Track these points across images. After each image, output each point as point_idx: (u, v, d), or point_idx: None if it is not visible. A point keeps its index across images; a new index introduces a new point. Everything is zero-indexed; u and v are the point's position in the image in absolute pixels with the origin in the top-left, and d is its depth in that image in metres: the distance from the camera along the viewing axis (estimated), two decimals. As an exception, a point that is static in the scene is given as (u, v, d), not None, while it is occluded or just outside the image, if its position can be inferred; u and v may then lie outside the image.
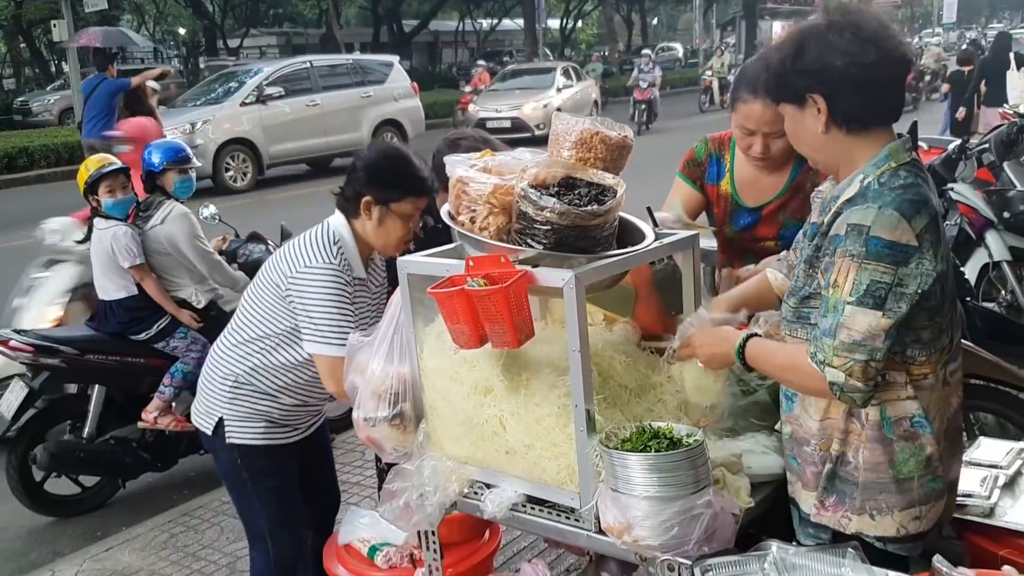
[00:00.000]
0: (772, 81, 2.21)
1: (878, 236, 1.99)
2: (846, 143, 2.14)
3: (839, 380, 2.04)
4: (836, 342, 2.03)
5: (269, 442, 3.11)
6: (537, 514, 2.39)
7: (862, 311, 2.00)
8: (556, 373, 2.37)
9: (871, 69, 2.04)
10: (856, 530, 2.22)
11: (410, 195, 2.97)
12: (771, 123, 2.89)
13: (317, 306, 2.88)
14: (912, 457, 2.17)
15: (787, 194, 3.09)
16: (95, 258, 4.89)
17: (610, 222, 2.34)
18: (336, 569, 3.17)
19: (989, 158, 6.76)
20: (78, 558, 4.55)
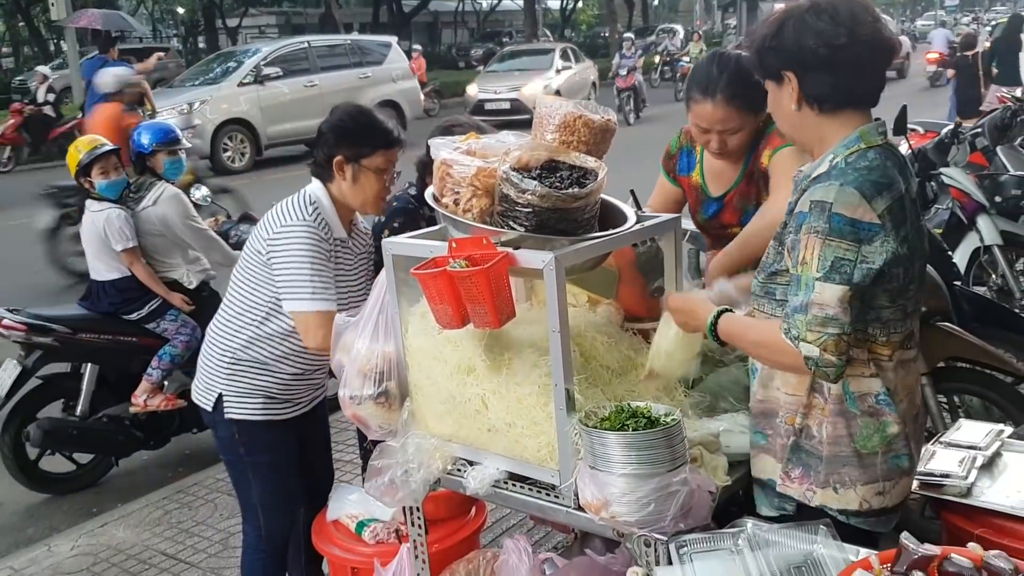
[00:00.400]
0: (754, 57, 2.25)
1: (840, 213, 2.03)
2: (818, 122, 2.18)
3: (814, 355, 2.07)
4: (808, 317, 2.07)
5: (267, 418, 3.15)
6: (518, 491, 2.43)
7: (830, 286, 2.04)
8: (538, 353, 2.41)
9: (840, 51, 2.09)
10: (820, 503, 2.26)
11: (379, 148, 3.04)
12: (723, 121, 2.92)
13: (292, 262, 2.94)
14: (876, 433, 2.21)
15: (742, 183, 3.14)
16: (87, 240, 4.92)
17: (591, 205, 2.36)
18: (325, 544, 3.21)
19: (983, 142, 6.76)
20: (74, 533, 4.61)
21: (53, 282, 8.54)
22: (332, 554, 3.18)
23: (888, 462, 2.23)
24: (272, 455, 3.21)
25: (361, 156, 3.02)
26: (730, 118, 2.91)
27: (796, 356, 2.11)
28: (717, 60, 2.96)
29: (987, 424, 3.18)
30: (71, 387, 5.09)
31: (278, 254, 2.96)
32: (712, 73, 2.91)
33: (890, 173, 2.11)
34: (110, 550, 4.41)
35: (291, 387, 3.17)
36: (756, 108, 2.95)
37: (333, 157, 3.03)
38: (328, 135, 3.06)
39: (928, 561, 1.81)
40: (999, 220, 6.04)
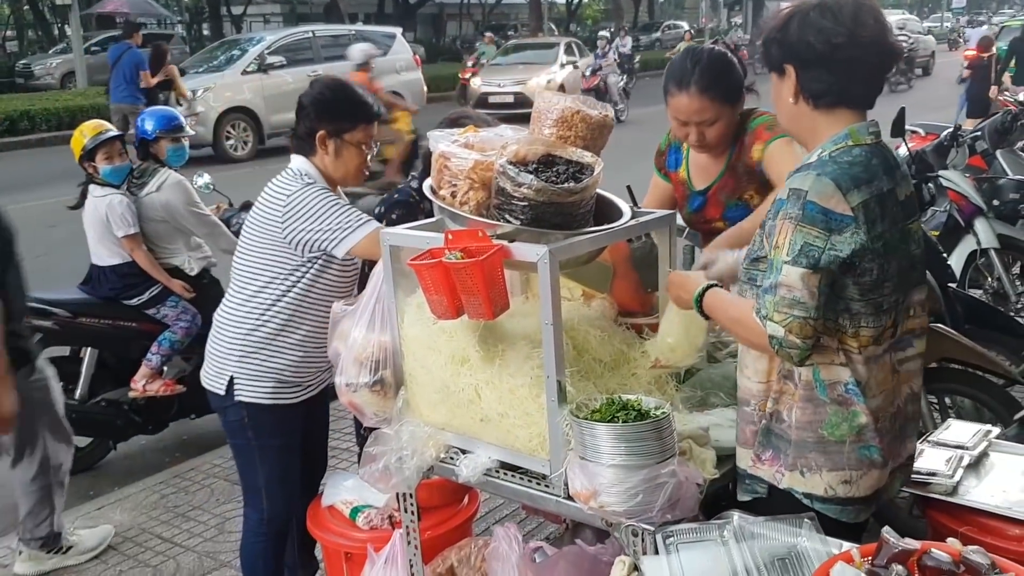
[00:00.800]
0: (762, 48, 2.33)
1: (813, 201, 2.09)
2: (813, 117, 2.25)
3: (778, 334, 2.12)
4: (776, 298, 2.12)
5: (276, 401, 3.18)
6: (510, 479, 2.47)
7: (796, 268, 2.09)
8: (531, 345, 2.45)
9: (838, 50, 2.15)
10: (788, 485, 2.31)
11: (360, 122, 3.11)
12: (699, 112, 2.98)
13: (320, 212, 2.99)
14: (844, 422, 2.24)
15: (724, 176, 3.18)
16: (89, 225, 4.95)
17: (587, 199, 2.40)
18: (319, 529, 3.25)
19: (982, 146, 6.79)
20: (71, 516, 4.63)
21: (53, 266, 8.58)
22: (326, 539, 3.22)
23: (856, 452, 2.27)
24: (280, 439, 3.25)
25: (342, 131, 3.09)
26: (705, 109, 2.97)
27: (762, 335, 2.16)
28: (690, 54, 3.03)
29: (975, 425, 3.23)
30: (70, 371, 5.10)
31: (299, 219, 3.00)
32: (686, 66, 2.98)
33: (872, 170, 2.16)
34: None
35: (301, 369, 3.20)
36: (730, 99, 3.02)
37: (315, 132, 3.09)
38: (309, 109, 3.12)
39: (908, 555, 1.85)
40: (996, 224, 6.07)
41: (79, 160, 4.92)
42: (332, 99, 3.12)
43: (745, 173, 3.12)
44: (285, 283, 3.09)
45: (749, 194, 3.14)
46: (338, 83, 3.21)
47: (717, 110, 2.98)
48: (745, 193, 3.15)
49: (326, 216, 2.98)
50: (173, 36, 32.68)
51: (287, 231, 3.02)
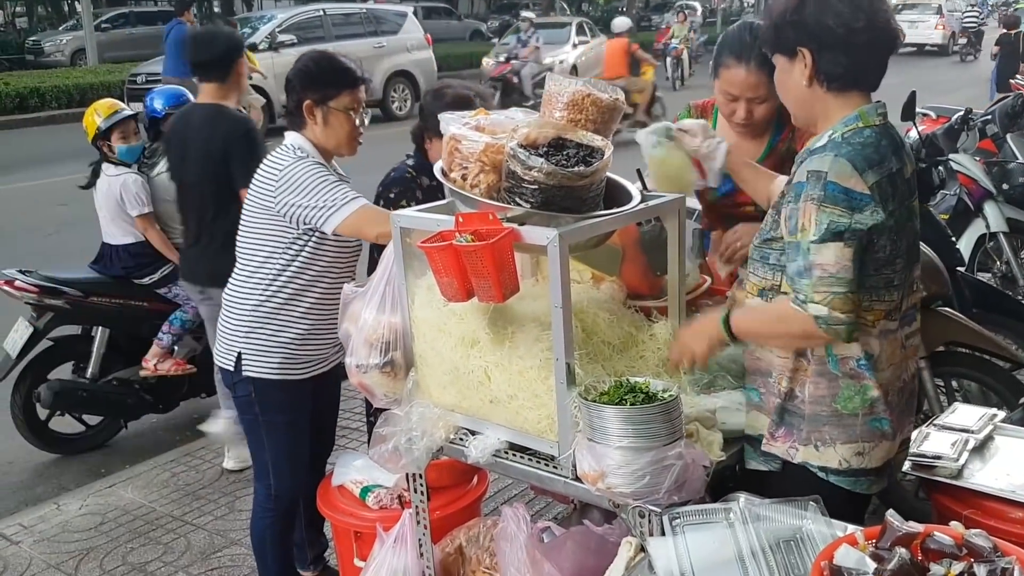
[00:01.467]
0: (771, 31, 2.34)
1: (835, 182, 2.14)
2: (825, 100, 2.28)
3: (823, 313, 2.15)
4: (813, 280, 2.16)
5: (283, 377, 3.21)
6: (518, 460, 2.49)
7: (825, 246, 2.14)
8: (540, 328, 2.46)
9: (858, 33, 2.20)
10: (802, 460, 2.37)
11: (345, 88, 3.15)
12: (755, 88, 2.96)
13: (308, 189, 3.02)
14: (857, 395, 2.31)
15: (766, 159, 3.14)
16: (102, 204, 4.97)
17: (597, 183, 2.41)
18: (329, 509, 3.28)
19: (993, 129, 6.76)
20: (82, 493, 4.70)
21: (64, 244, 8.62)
22: (336, 518, 3.25)
23: (868, 424, 2.32)
24: (286, 415, 3.28)
25: (328, 98, 3.12)
26: (761, 84, 2.94)
27: (806, 320, 2.18)
28: (749, 28, 2.99)
29: (981, 408, 3.24)
30: (82, 349, 5.16)
31: (290, 192, 3.04)
32: (746, 39, 2.95)
33: (883, 151, 2.21)
34: (118, 510, 4.50)
35: (308, 343, 3.22)
36: None
37: (302, 103, 3.12)
38: (295, 81, 3.17)
39: (911, 538, 1.87)
40: (1006, 207, 6.07)
41: (93, 139, 4.94)
42: (315, 68, 3.17)
43: (789, 157, 3.07)
44: (284, 256, 3.12)
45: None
46: (320, 53, 3.27)
47: (771, 88, 2.95)
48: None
49: (315, 191, 3.01)
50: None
51: (279, 204, 3.06)
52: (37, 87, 18.76)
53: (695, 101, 3.35)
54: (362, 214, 3.00)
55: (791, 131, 3.10)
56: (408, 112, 17.78)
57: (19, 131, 17.31)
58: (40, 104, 18.52)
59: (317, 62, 3.20)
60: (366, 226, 3.01)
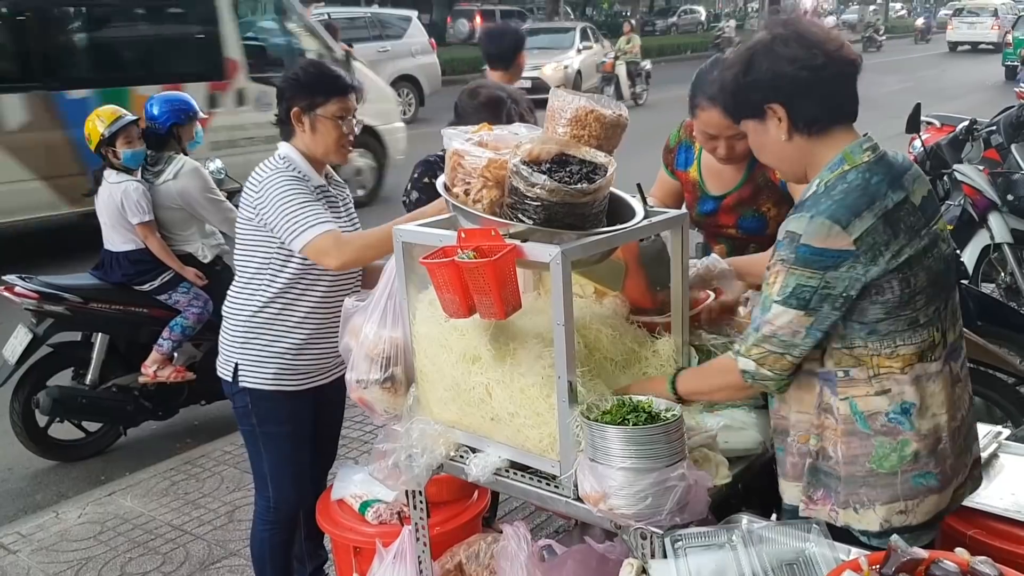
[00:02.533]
0: (729, 99, 2.28)
1: (807, 244, 2.07)
2: (809, 147, 2.19)
3: (750, 368, 2.19)
4: (759, 335, 2.17)
5: (278, 388, 3.20)
6: (519, 479, 2.47)
7: (785, 310, 2.11)
8: (542, 344, 2.44)
9: (820, 71, 2.12)
10: (844, 523, 2.24)
11: (333, 96, 3.13)
12: (732, 127, 2.91)
13: (279, 205, 3.01)
14: (894, 452, 2.19)
15: (744, 186, 3.16)
16: (103, 211, 4.96)
17: (600, 200, 2.39)
18: (328, 523, 3.26)
19: (997, 139, 6.75)
20: (82, 500, 4.68)
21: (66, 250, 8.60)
22: (335, 533, 3.23)
23: (910, 480, 2.20)
24: (282, 426, 3.27)
25: (315, 105, 3.11)
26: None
27: (736, 370, 2.22)
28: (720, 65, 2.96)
29: (985, 425, 3.20)
30: (81, 356, 5.15)
31: (265, 206, 3.03)
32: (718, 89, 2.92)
33: (872, 191, 2.10)
34: (117, 519, 4.48)
35: (303, 354, 3.21)
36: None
37: (291, 110, 3.12)
38: (283, 90, 3.17)
39: (916, 564, 1.84)
40: (1010, 218, 6.05)
41: (96, 147, 4.92)
42: (303, 76, 3.17)
43: (766, 186, 3.11)
44: (273, 266, 3.12)
45: (767, 206, 3.14)
46: (309, 62, 3.29)
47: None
48: (763, 205, 3.14)
49: (285, 207, 3.01)
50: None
51: (259, 215, 3.06)
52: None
53: (687, 120, 3.33)
54: (323, 240, 2.97)
55: None
56: (413, 116, 17.75)
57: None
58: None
59: (305, 69, 3.21)
60: (324, 256, 2.99)
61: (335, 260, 2.98)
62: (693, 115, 3.03)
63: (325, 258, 2.99)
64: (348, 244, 3.00)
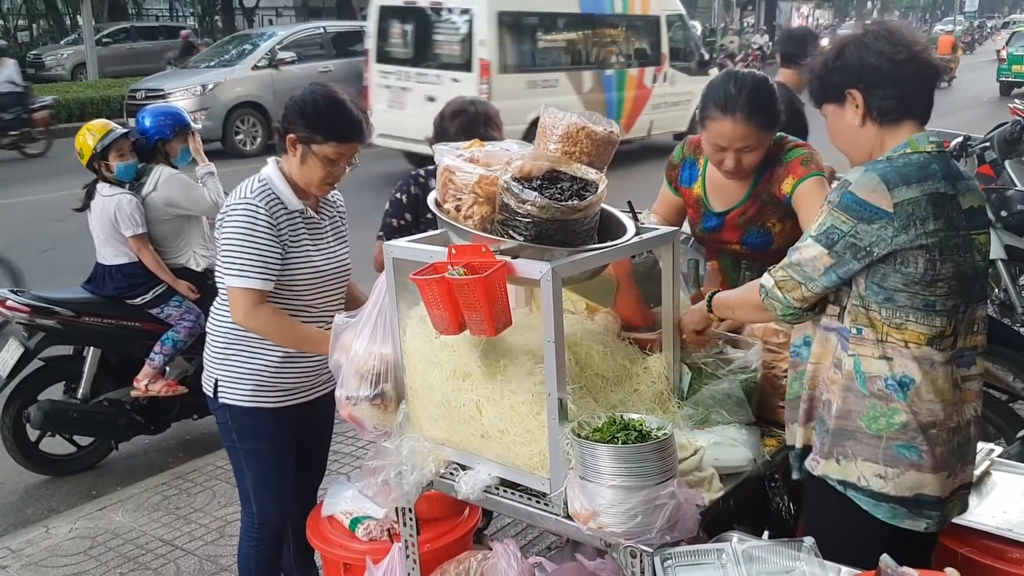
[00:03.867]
0: (816, 83, 2.44)
1: (853, 192, 2.22)
2: (879, 135, 2.35)
3: (768, 285, 2.38)
4: (788, 260, 2.35)
5: (257, 405, 3.18)
6: (509, 497, 2.46)
7: (815, 245, 2.28)
8: (533, 361, 2.43)
9: (903, 66, 2.30)
10: (822, 472, 2.39)
11: (332, 139, 3.05)
12: (742, 138, 2.95)
13: (226, 239, 3.01)
14: (883, 416, 2.29)
15: (748, 201, 3.16)
16: (96, 224, 4.95)
17: (591, 216, 2.39)
18: (318, 540, 3.25)
19: (991, 155, 6.76)
20: (72, 515, 4.65)
21: (61, 260, 8.60)
22: (325, 550, 3.21)
23: (893, 448, 2.29)
24: (263, 443, 3.25)
25: (312, 141, 3.05)
26: (748, 135, 2.94)
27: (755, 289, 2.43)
28: (734, 78, 2.97)
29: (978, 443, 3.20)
30: (73, 370, 5.13)
31: (220, 231, 3.05)
32: (730, 91, 2.94)
33: (928, 172, 2.24)
34: (108, 534, 4.45)
35: (283, 371, 3.19)
36: (771, 126, 2.99)
37: (288, 132, 3.07)
38: (289, 109, 3.09)
39: (906, 584, 1.84)
40: (1004, 234, 6.04)
41: (89, 160, 4.90)
42: (313, 107, 3.05)
43: (771, 202, 3.11)
44: None
45: (772, 222, 3.15)
46: (329, 94, 3.10)
47: (760, 136, 2.96)
48: (768, 221, 3.15)
49: (230, 245, 3.00)
50: (185, 29, 32.74)
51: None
52: (38, 101, 18.72)
53: (691, 136, 3.35)
54: (242, 295, 2.99)
55: (769, 174, 3.09)
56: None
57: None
58: (40, 118, 18.47)
59: (320, 102, 3.06)
60: (234, 308, 3.02)
61: (239, 317, 3.02)
62: (703, 126, 3.04)
63: (234, 310, 3.03)
64: (257, 314, 3.00)
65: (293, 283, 3.10)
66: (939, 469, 2.32)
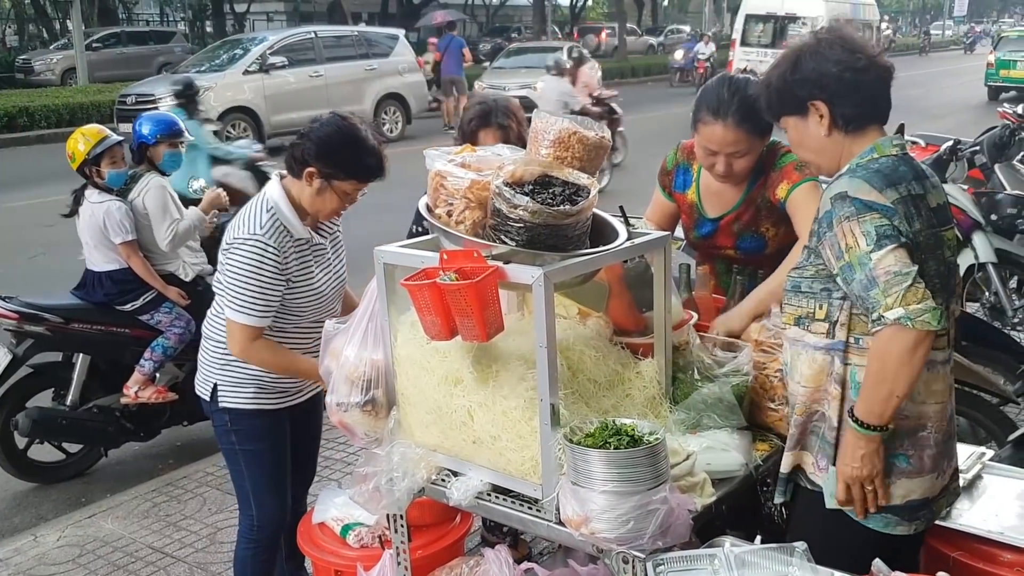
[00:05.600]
0: (774, 96, 2.43)
1: (857, 197, 2.21)
2: (845, 143, 2.37)
3: (901, 313, 2.09)
4: (881, 286, 2.13)
5: (259, 407, 3.21)
6: (501, 503, 2.45)
7: (882, 252, 2.14)
8: (525, 366, 2.42)
9: (864, 72, 2.32)
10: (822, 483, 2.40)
11: (353, 178, 3.06)
12: (734, 143, 2.96)
13: (232, 274, 3.01)
14: None
15: (741, 207, 3.16)
16: (85, 230, 4.91)
17: (582, 221, 2.38)
18: (309, 546, 3.23)
19: (981, 159, 6.78)
20: (61, 523, 4.62)
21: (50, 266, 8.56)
22: (316, 556, 3.20)
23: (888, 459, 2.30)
24: (264, 443, 3.27)
25: (334, 178, 3.04)
26: (740, 140, 2.95)
27: (896, 329, 2.10)
28: (727, 83, 2.98)
29: (968, 446, 3.20)
30: (62, 376, 5.10)
31: (225, 263, 3.04)
32: (723, 95, 2.95)
33: (900, 174, 2.26)
34: (97, 541, 4.42)
35: (281, 377, 3.22)
36: (763, 132, 2.99)
37: (307, 165, 3.04)
38: (310, 144, 3.03)
39: (898, 589, 1.84)
40: (994, 238, 6.07)
41: (80, 165, 4.85)
42: (338, 146, 3.03)
43: (765, 207, 3.12)
44: None
45: (766, 227, 3.15)
46: (352, 132, 3.05)
47: (751, 142, 2.97)
48: (762, 226, 3.15)
49: (232, 279, 3.01)
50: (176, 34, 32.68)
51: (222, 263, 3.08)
52: (26, 106, 18.67)
53: (684, 142, 3.35)
54: (241, 330, 3.03)
55: (764, 180, 3.09)
56: (400, 134, 17.78)
57: (7, 151, 17.19)
58: (29, 123, 18.43)
59: (344, 141, 3.03)
60: (231, 340, 3.07)
61: (236, 350, 3.08)
62: (695, 129, 3.04)
63: (231, 342, 3.07)
64: (254, 348, 3.06)
65: (297, 309, 3.15)
66: (928, 472, 2.35)
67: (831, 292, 2.31)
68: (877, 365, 2.18)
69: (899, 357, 2.13)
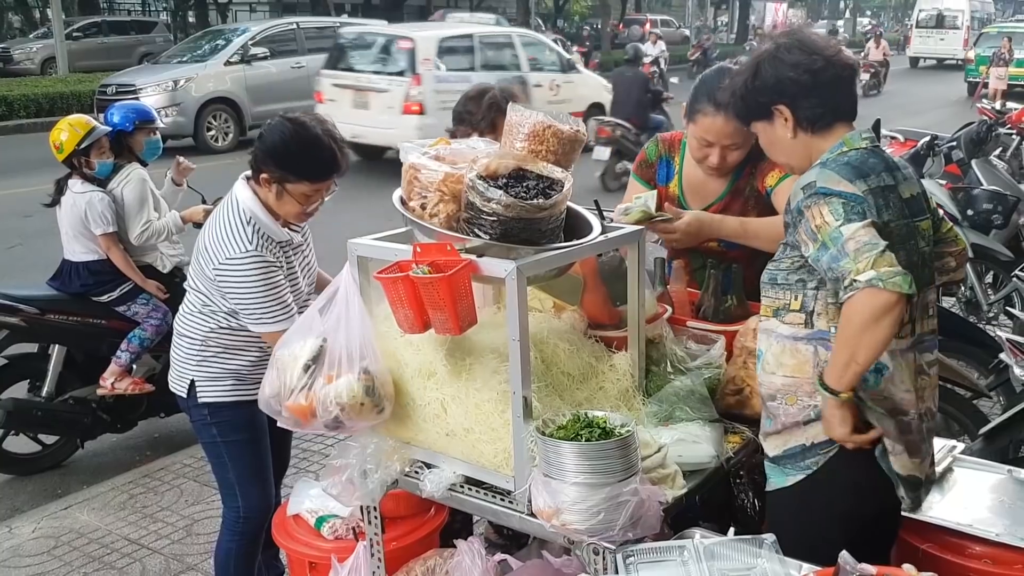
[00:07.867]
0: (739, 103, 2.47)
1: (825, 186, 2.23)
2: (813, 143, 2.40)
3: (872, 275, 2.06)
4: (851, 254, 2.11)
5: (238, 398, 3.22)
6: (474, 495, 2.46)
7: (852, 225, 2.15)
8: (499, 359, 2.44)
9: (821, 74, 2.35)
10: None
11: (306, 179, 3.02)
12: (732, 135, 2.96)
13: (246, 293, 2.99)
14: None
15: (727, 198, 3.16)
16: (65, 220, 4.88)
17: (556, 215, 2.39)
18: (284, 539, 3.23)
19: (958, 155, 6.85)
20: (36, 515, 4.60)
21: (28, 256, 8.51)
22: (291, 548, 3.20)
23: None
24: (245, 433, 3.28)
25: (285, 180, 3.01)
26: (738, 132, 2.94)
27: (868, 294, 2.06)
28: (728, 73, 2.97)
29: (939, 440, 3.23)
30: (38, 368, 5.06)
31: (230, 286, 3.01)
32: (723, 86, 2.93)
33: (870, 166, 2.29)
34: (72, 533, 4.40)
35: (260, 367, 3.17)
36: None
37: (260, 170, 3.02)
38: (259, 149, 3.03)
39: (864, 581, 1.86)
40: (970, 233, 6.12)
41: (68, 155, 4.79)
42: (283, 148, 2.99)
43: (752, 196, 3.12)
44: (225, 307, 3.11)
45: (752, 216, 3.13)
46: (301, 132, 3.00)
47: (746, 135, 2.95)
48: (748, 216, 3.12)
49: (248, 299, 2.99)
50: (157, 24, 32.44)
51: (217, 284, 3.04)
52: (5, 96, 18.41)
53: (662, 135, 3.35)
54: (268, 337, 3.02)
55: (752, 168, 3.10)
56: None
57: (-14, 140, 17.05)
58: (8, 113, 18.19)
59: (292, 142, 2.99)
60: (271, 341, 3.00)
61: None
62: (692, 119, 3.04)
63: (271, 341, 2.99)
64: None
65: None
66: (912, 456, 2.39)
67: (805, 283, 2.34)
68: (843, 327, 2.16)
69: (867, 319, 2.09)
